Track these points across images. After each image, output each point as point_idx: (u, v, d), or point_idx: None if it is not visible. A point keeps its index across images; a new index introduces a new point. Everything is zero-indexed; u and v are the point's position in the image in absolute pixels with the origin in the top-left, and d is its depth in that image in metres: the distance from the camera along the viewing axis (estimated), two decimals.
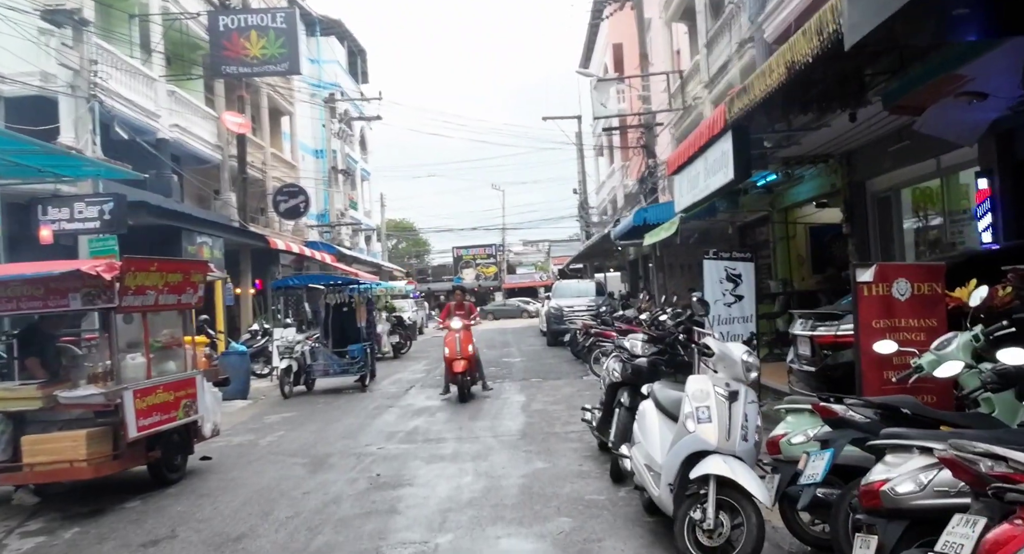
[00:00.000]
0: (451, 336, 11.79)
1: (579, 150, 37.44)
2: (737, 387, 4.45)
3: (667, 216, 15.15)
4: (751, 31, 13.80)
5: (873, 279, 5.30)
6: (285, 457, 8.32)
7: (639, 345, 6.72)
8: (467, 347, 11.71)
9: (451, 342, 11.71)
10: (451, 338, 11.76)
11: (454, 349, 11.66)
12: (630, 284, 29.86)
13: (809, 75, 6.52)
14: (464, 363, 11.67)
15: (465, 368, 11.68)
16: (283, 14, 18.97)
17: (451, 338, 11.76)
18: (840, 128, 9.48)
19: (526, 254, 71.86)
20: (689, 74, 19.04)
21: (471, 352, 11.81)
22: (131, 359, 6.74)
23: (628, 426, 6.27)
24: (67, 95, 14.49)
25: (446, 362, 11.85)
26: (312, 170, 32.04)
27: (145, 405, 6.58)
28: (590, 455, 7.48)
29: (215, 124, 21.37)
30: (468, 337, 11.82)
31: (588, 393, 11.68)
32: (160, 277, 6.85)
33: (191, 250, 17.42)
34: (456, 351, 11.65)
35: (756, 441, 4.41)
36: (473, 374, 12.17)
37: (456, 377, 11.72)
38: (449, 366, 11.82)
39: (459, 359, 11.64)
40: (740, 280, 10.05)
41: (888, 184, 10.94)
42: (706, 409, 4.38)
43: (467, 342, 11.73)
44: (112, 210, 12.73)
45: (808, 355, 7.09)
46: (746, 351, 4.53)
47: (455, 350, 11.65)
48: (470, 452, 8.06)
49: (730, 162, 8.90)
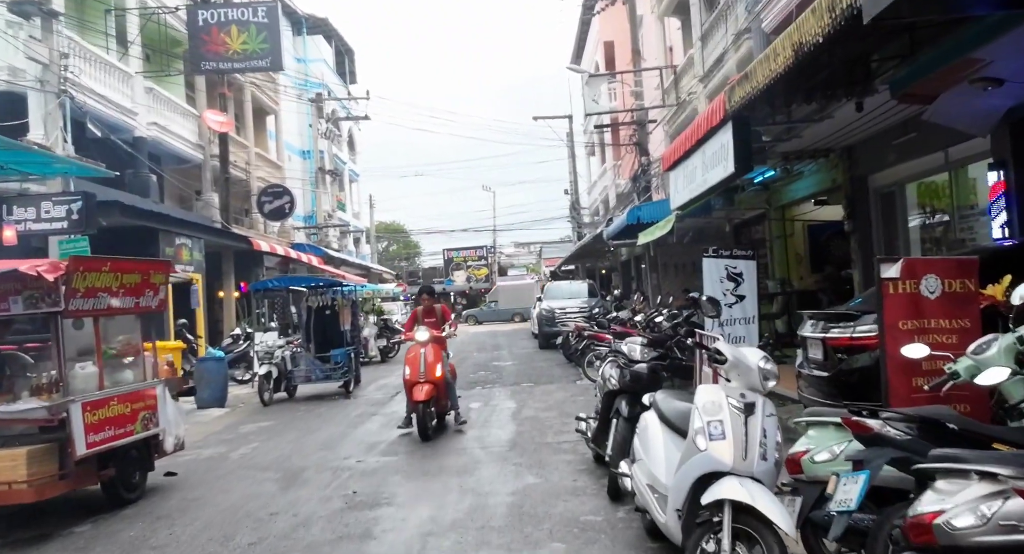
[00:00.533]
0: (414, 352, 9.29)
1: (570, 150, 36.99)
2: (753, 398, 3.90)
3: (661, 214, 14.71)
4: (748, 22, 13.34)
5: (899, 275, 4.76)
6: (256, 472, 7.73)
7: (638, 349, 6.17)
8: (435, 367, 9.06)
9: (414, 360, 9.14)
10: (414, 354, 9.24)
11: (416, 369, 9.02)
12: (623, 285, 29.39)
13: (816, 59, 6.07)
14: (428, 389, 8.89)
15: (429, 395, 8.88)
16: (264, 8, 18.35)
17: (414, 354, 9.24)
18: (844, 119, 9.07)
19: (517, 256, 71.40)
20: (683, 69, 18.56)
21: (439, 374, 9.08)
22: (80, 368, 6.14)
23: (627, 438, 5.72)
24: (36, 90, 13.88)
25: (405, 386, 9.18)
26: (299, 171, 31.46)
27: (96, 419, 5.99)
28: (585, 468, 6.93)
29: (196, 122, 20.78)
30: (437, 353, 9.24)
31: (582, 399, 11.13)
32: (114, 278, 6.26)
33: (169, 252, 16.85)
34: (419, 372, 9.00)
35: (777, 460, 3.86)
36: (442, 403, 9.42)
37: (417, 407, 8.94)
38: (409, 392, 9.12)
39: (421, 383, 8.94)
40: (741, 279, 9.54)
41: (892, 179, 10.51)
42: (719, 424, 3.83)
43: (435, 360, 9.12)
44: (81, 209, 12.12)
45: (820, 359, 6.55)
46: (763, 357, 3.98)
47: (417, 370, 9.00)
48: (455, 465, 7.49)
49: (730, 154, 8.46)
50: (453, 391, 9.73)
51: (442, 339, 9.73)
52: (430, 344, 9.27)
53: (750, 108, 7.67)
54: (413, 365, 9.12)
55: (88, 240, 12.72)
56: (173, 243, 17.17)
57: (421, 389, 8.89)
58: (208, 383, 12.76)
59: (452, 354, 10.53)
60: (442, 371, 9.17)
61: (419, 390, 8.90)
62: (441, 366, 9.18)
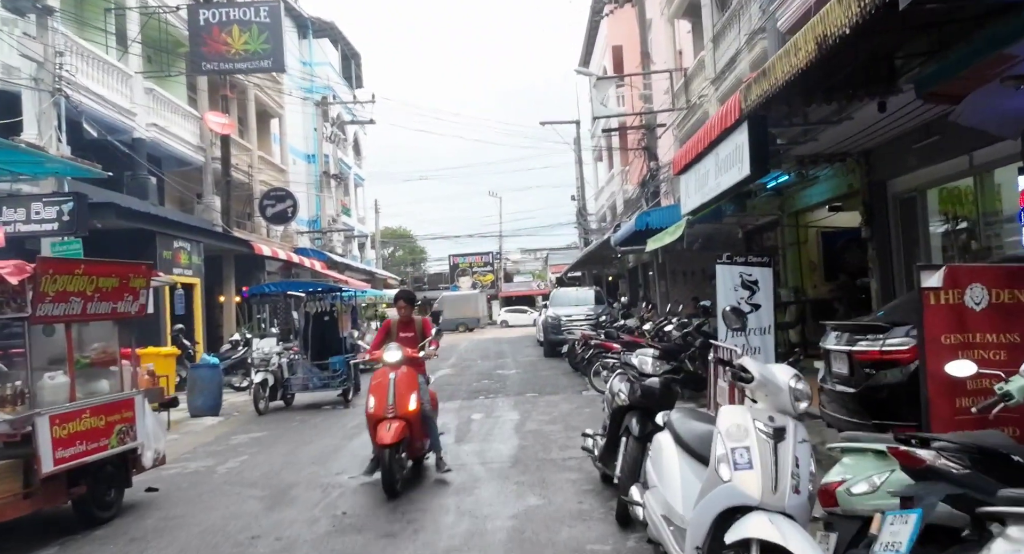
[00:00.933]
0: (381, 377, 7.00)
1: (577, 155, 36.60)
2: (784, 422, 3.45)
3: (671, 220, 14.31)
4: (763, 21, 12.94)
5: (942, 284, 4.31)
6: (242, 488, 7.29)
7: (649, 362, 5.70)
8: (407, 398, 6.83)
9: (380, 388, 6.92)
10: (381, 381, 6.97)
11: (383, 401, 6.81)
12: (630, 292, 28.95)
13: (839, 54, 5.66)
14: (398, 427, 6.64)
15: (399, 436, 6.60)
16: (267, 8, 18.02)
17: (381, 381, 6.97)
18: (864, 121, 8.66)
19: (524, 262, 71.03)
20: (694, 71, 18.15)
21: (413, 408, 6.83)
22: (50, 379, 5.72)
23: (637, 459, 5.27)
24: (30, 88, 13.54)
25: (368, 423, 6.95)
26: (304, 175, 31.18)
27: (66, 433, 5.57)
28: (591, 489, 6.47)
29: (197, 124, 20.46)
30: (411, 380, 7.00)
31: (588, 411, 10.68)
32: (89, 281, 5.84)
33: (167, 255, 16.52)
34: (386, 404, 6.77)
35: (811, 493, 3.40)
36: (417, 445, 7.16)
37: (383, 452, 6.56)
38: (372, 430, 6.85)
39: (389, 420, 6.69)
40: (757, 287, 9.07)
41: (913, 184, 10.10)
42: (745, 451, 3.37)
43: (408, 389, 6.90)
44: (72, 210, 11.75)
45: (845, 373, 6.09)
46: (794, 376, 3.53)
47: (384, 403, 6.79)
48: (454, 483, 7.03)
49: (745, 156, 8.06)
50: (433, 427, 7.37)
51: (419, 361, 7.38)
52: (403, 367, 7.06)
53: (766, 108, 7.28)
54: (379, 395, 6.86)
55: (81, 242, 12.38)
56: (171, 246, 16.82)
57: (388, 428, 6.62)
58: (202, 390, 12.34)
59: (454, 362, 9.82)
60: (417, 403, 6.90)
61: (386, 429, 6.61)
62: (416, 396, 6.90)
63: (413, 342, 7.48)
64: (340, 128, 35.98)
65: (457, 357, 23.35)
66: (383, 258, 54.42)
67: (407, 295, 8.09)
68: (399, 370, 7.04)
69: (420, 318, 7.94)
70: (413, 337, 7.57)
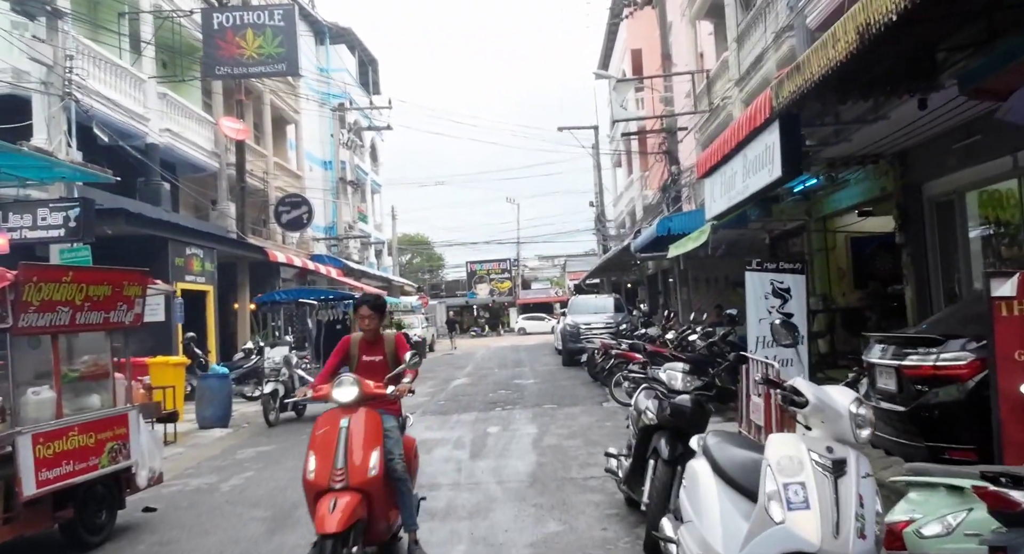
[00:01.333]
0: (328, 425, 4.81)
1: (596, 160, 36.15)
2: (843, 453, 3.00)
3: (693, 225, 13.84)
4: (791, 19, 12.47)
5: (1015, 293, 3.83)
6: (244, 508, 6.89)
7: (679, 378, 5.24)
8: (365, 459, 4.67)
9: (324, 442, 4.73)
10: (326, 431, 4.78)
11: (328, 462, 4.62)
12: (649, 300, 28.42)
13: (879, 46, 5.21)
14: (349, 506, 4.45)
15: (348, 521, 4.41)
16: (281, 11, 17.78)
17: (326, 431, 4.78)
18: (900, 120, 8.19)
19: (541, 269, 70.58)
20: (716, 73, 17.67)
21: (375, 474, 4.68)
22: (34, 394, 5.34)
23: (667, 485, 4.81)
24: (39, 92, 13.33)
25: (307, 494, 4.69)
26: (320, 181, 30.98)
27: (51, 452, 5.19)
28: (616, 513, 6.00)
29: (212, 130, 20.26)
30: (373, 428, 4.82)
31: (609, 425, 10.21)
32: (78, 290, 5.47)
33: (179, 262, 16.27)
34: (331, 468, 4.59)
35: (877, 537, 2.93)
36: (380, 527, 4.89)
37: (325, 543, 4.36)
38: (312, 508, 4.60)
39: (335, 493, 4.51)
40: (789, 295, 8.59)
41: (951, 186, 9.60)
42: (800, 488, 2.91)
43: (368, 443, 4.74)
44: (78, 216, 11.49)
45: (892, 390, 5.60)
46: (855, 399, 3.07)
47: (329, 466, 4.60)
48: (467, 505, 6.59)
49: (776, 157, 7.63)
50: (407, 497, 5.04)
51: (387, 399, 5.03)
52: (362, 410, 4.80)
53: (799, 105, 6.87)
54: (323, 453, 4.65)
55: (90, 249, 12.13)
56: (183, 253, 16.57)
57: (334, 507, 4.39)
58: (210, 401, 12.00)
59: (470, 371, 8.88)
60: (381, 465, 4.69)
61: (329, 508, 4.39)
62: (379, 455, 4.70)
63: (381, 370, 5.19)
64: (357, 134, 35.79)
65: (474, 365, 22.93)
66: (400, 265, 54.18)
67: (371, 301, 5.46)
68: (356, 414, 4.72)
69: (391, 334, 5.67)
70: (381, 362, 5.28)
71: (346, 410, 4.80)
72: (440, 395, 15.54)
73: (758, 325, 8.57)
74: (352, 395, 4.82)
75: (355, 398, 4.82)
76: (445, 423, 11.51)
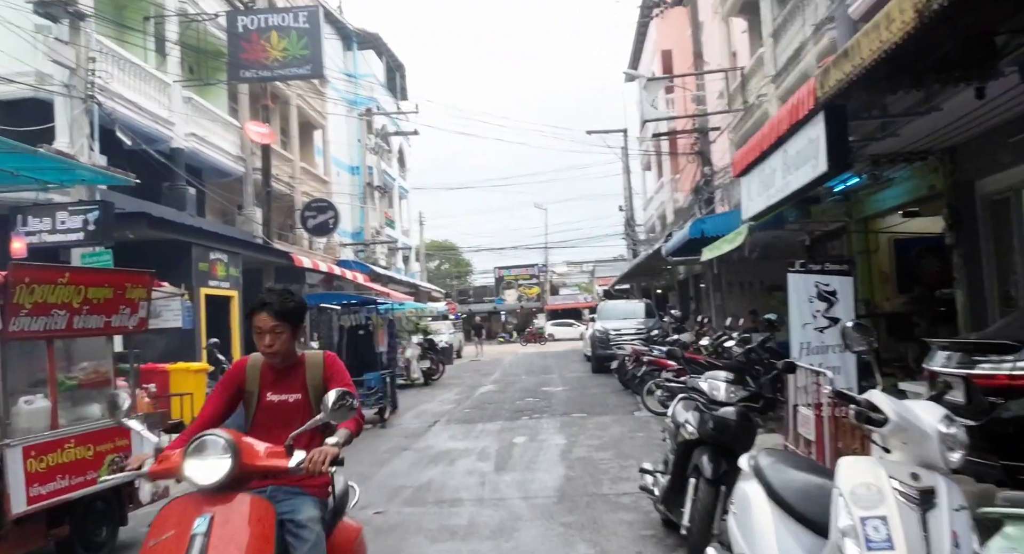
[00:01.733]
0: (174, 528, 2.64)
1: (625, 164, 35.64)
2: (931, 481, 2.52)
3: (728, 227, 13.31)
4: (831, 10, 11.93)
5: None
6: None
7: (722, 388, 4.76)
8: None
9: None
10: (170, 540, 2.61)
11: None
12: (680, 305, 27.81)
13: (936, 28, 4.72)
14: None
15: None
16: (306, 13, 17.58)
17: (170, 540, 2.61)
18: (953, 112, 7.63)
19: (570, 275, 70.04)
20: (751, 70, 17.11)
21: None
22: (26, 403, 5.02)
23: (710, 507, 4.34)
24: (62, 95, 13.20)
25: None
26: (347, 186, 30.87)
27: (44, 466, 4.86)
28: (651, 535, 5.51)
29: (238, 134, 20.12)
30: (260, 535, 2.66)
31: (641, 435, 9.72)
32: (76, 292, 5.14)
33: (203, 267, 16.09)
34: None
35: None
36: None
37: None
38: None
39: None
40: (835, 298, 8.06)
41: (1006, 184, 9.02)
42: (880, 523, 2.44)
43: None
44: (97, 219, 11.29)
45: (960, 402, 5.04)
46: (944, 417, 2.59)
47: None
48: (491, 522, 6.16)
49: (821, 151, 7.11)
50: None
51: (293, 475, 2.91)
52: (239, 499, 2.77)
53: (846, 95, 6.36)
54: None
55: (112, 253, 11.94)
56: (207, 258, 16.38)
57: None
58: None
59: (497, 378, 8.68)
60: None
61: None
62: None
63: (296, 416, 3.23)
64: (384, 139, 35.66)
65: (501, 372, 22.52)
66: (428, 271, 54.00)
67: (274, 304, 3.25)
68: (226, 506, 2.74)
69: (317, 356, 3.41)
70: (297, 404, 3.32)
71: (211, 498, 2.75)
72: (466, 402, 15.15)
73: (802, 330, 8.06)
74: (219, 472, 2.76)
75: (224, 476, 2.76)
76: (470, 432, 11.10)
